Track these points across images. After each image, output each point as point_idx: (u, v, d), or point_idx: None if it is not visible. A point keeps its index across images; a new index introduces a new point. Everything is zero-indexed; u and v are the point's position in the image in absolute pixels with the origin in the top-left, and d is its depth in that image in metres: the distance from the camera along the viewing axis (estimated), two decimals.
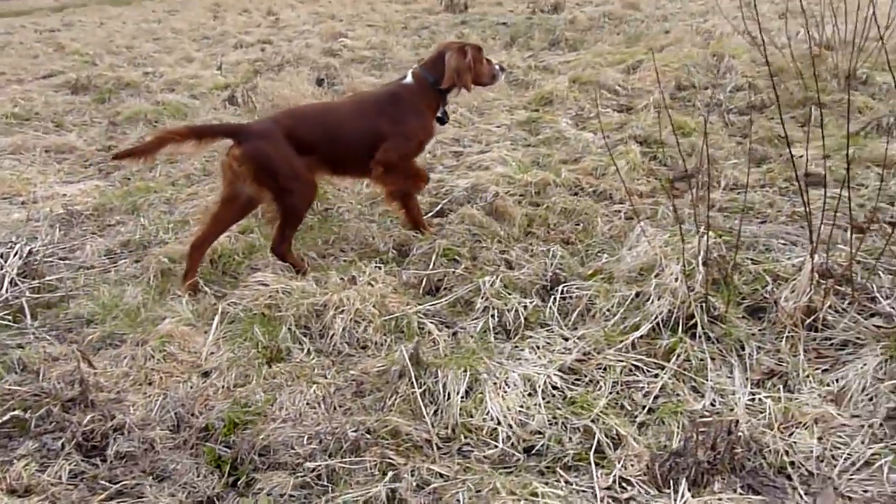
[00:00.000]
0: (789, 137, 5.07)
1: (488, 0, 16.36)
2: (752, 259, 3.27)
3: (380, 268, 3.48)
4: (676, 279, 2.90)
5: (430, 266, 3.48)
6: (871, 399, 2.38)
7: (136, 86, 8.73)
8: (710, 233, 3.34)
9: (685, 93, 6.40)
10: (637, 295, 2.94)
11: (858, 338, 2.64)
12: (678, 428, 2.29)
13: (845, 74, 6.05)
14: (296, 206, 3.44)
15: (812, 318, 2.71)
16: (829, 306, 2.74)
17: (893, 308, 2.73)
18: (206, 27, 15.69)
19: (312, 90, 7.50)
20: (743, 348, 2.66)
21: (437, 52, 3.77)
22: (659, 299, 2.85)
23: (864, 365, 2.49)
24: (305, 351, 2.89)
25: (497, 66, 3.92)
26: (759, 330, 2.78)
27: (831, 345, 2.66)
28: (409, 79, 3.73)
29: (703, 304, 2.79)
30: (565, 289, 3.09)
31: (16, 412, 2.53)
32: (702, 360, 2.60)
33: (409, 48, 10.18)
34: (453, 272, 3.38)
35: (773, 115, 5.64)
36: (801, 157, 4.62)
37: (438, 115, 3.76)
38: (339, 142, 3.51)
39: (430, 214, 4.17)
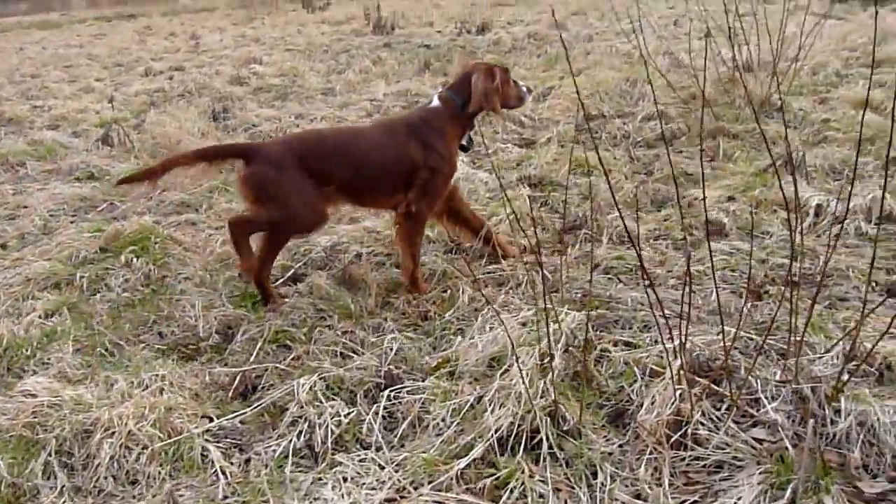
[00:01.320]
0: (694, 175, 4.65)
1: (419, 20, 15.97)
2: (626, 341, 2.75)
3: (193, 360, 2.91)
4: (527, 376, 2.37)
5: (251, 357, 2.90)
6: None
7: (19, 122, 8.06)
8: (575, 310, 2.85)
9: (594, 123, 5.94)
10: (479, 400, 2.40)
11: (736, 457, 2.13)
12: None
13: (760, 101, 5.66)
14: (277, 237, 3.26)
15: (680, 432, 2.19)
16: (702, 413, 2.23)
17: (780, 412, 2.23)
18: (125, 53, 14.94)
19: (202, 126, 6.88)
20: (596, 475, 2.13)
21: (464, 73, 3.44)
22: (501, 407, 2.31)
23: (740, 499, 1.98)
24: (59, 489, 2.28)
25: (524, 88, 3.62)
26: (621, 445, 2.25)
27: (703, 466, 2.14)
28: (435, 102, 3.42)
29: (553, 414, 2.27)
30: (396, 392, 2.54)
31: None
32: (542, 495, 2.06)
33: (321, 74, 9.62)
34: (277, 366, 2.81)
35: (682, 148, 5.20)
36: (704, 199, 4.18)
37: (463, 142, 3.48)
38: (365, 171, 3.23)
39: (279, 282, 3.60)
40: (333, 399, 2.54)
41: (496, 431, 2.24)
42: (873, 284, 3.17)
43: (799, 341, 2.41)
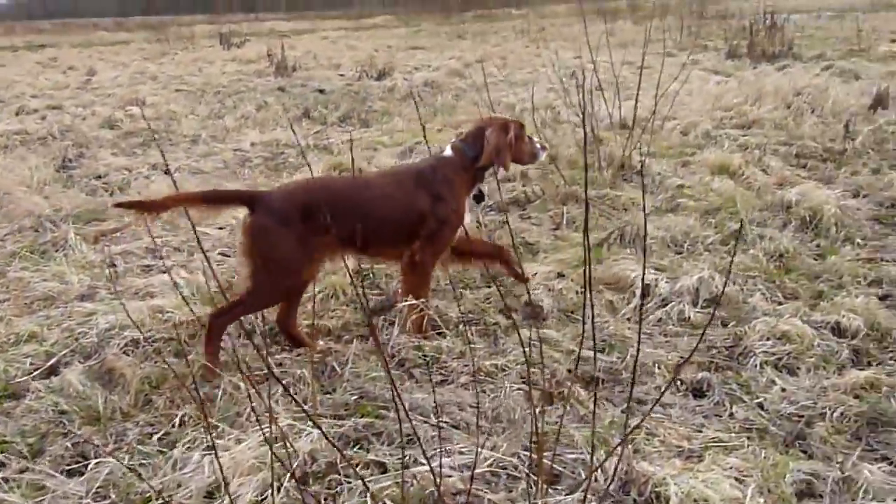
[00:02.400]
0: (535, 246, 4.39)
1: (328, 62, 15.72)
2: (380, 461, 2.40)
3: None
4: None
5: None
6: None
7: None
8: (334, 419, 2.49)
9: None
10: None
11: None
12: None
13: (619, 164, 5.49)
14: (260, 296, 3.09)
15: None
16: None
17: None
18: (11, 87, 14.18)
19: (44, 176, 6.35)
20: None
21: (478, 126, 3.46)
22: None
23: None
24: None
25: (538, 145, 3.63)
26: None
27: None
28: (447, 152, 3.42)
29: None
30: None
31: None
32: None
33: (200, 119, 9.18)
34: None
35: (532, 214, 4.97)
36: (534, 275, 3.92)
37: (474, 193, 3.46)
38: (371, 220, 3.08)
39: (38, 371, 3.15)
40: None
41: None
42: (678, 383, 2.92)
43: (537, 468, 2.10)
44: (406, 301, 3.23)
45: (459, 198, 3.35)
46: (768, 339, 3.13)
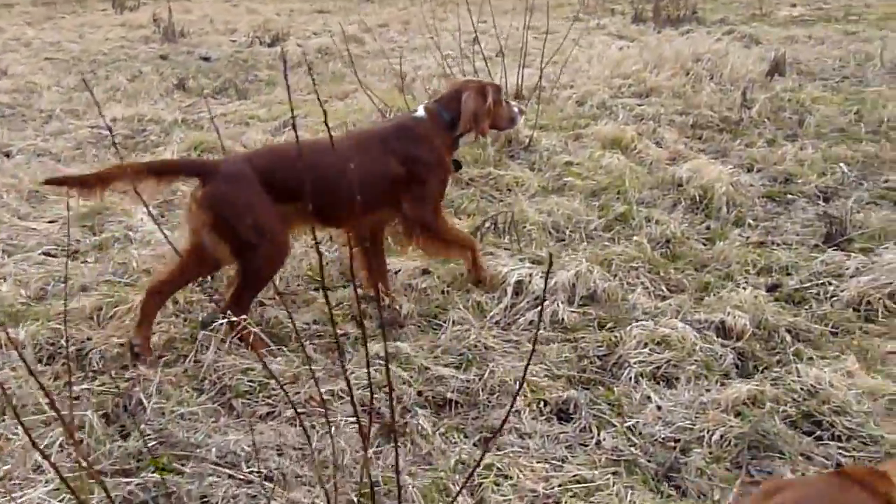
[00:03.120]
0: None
1: (224, 27, 14.76)
2: None
3: None
4: None
5: None
6: None
7: None
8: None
9: None
10: None
11: None
12: None
13: (506, 139, 5.07)
14: (259, 268, 2.84)
15: None
16: None
17: None
18: None
19: None
20: None
21: (454, 89, 3.28)
22: None
23: None
24: None
25: (516, 109, 3.46)
26: None
27: None
28: (420, 112, 3.22)
29: None
30: None
31: None
32: None
33: (65, 91, 8.31)
34: None
35: None
36: (398, 272, 3.47)
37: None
38: (333, 186, 2.81)
39: None
40: None
41: None
42: (540, 405, 2.54)
43: None
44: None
45: (441, 153, 3.17)
46: (646, 345, 2.78)
